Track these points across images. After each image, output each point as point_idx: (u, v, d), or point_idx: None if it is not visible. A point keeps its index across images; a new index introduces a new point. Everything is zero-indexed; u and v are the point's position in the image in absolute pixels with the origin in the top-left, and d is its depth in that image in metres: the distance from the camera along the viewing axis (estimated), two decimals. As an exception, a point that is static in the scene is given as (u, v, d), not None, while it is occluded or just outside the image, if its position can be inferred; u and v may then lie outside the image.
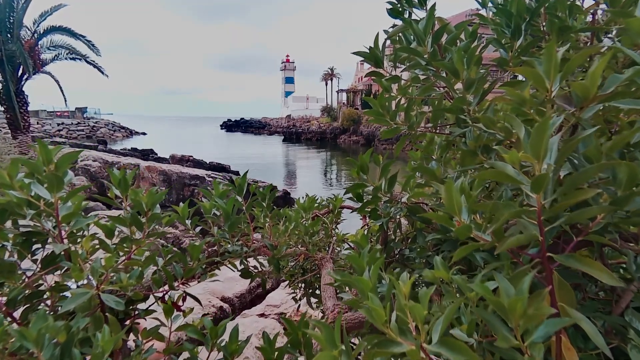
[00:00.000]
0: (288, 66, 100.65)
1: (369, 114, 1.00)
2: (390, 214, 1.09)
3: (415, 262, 1.12)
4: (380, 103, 0.98)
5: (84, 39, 12.32)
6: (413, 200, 1.20)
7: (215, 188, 1.16)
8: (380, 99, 0.98)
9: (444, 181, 0.66)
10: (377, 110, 0.98)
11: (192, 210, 1.18)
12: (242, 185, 1.21)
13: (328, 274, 1.32)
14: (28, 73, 11.08)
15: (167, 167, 13.86)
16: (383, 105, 0.98)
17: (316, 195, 1.97)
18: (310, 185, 22.77)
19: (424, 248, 1.08)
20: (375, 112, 0.98)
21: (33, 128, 50.00)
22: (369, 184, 1.09)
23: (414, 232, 1.24)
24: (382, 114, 0.98)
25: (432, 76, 0.92)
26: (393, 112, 0.99)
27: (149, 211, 1.02)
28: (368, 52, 0.97)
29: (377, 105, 0.98)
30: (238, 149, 47.66)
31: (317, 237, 1.64)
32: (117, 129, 63.80)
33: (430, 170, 0.96)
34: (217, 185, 1.15)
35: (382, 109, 0.98)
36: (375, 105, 0.99)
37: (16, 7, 10.97)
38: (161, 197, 1.04)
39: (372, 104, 0.99)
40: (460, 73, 0.80)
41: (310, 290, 1.72)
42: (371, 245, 1.24)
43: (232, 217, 1.07)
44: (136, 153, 24.54)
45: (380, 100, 0.98)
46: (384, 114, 0.98)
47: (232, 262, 1.17)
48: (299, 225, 1.47)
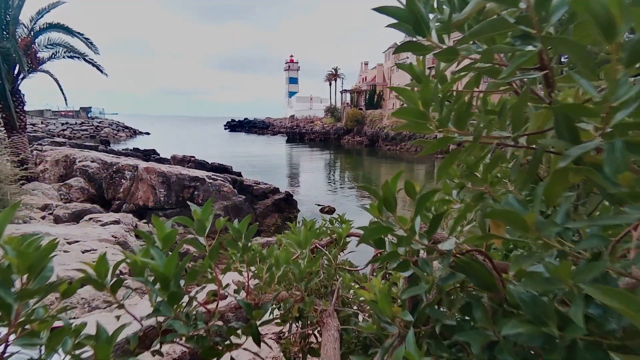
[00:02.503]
0: (292, 66, 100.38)
1: (401, 116, 0.58)
2: (434, 280, 0.67)
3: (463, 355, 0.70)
4: (424, 99, 0.56)
5: (81, 36, 12.00)
6: (466, 248, 0.79)
7: (157, 229, 0.75)
8: (424, 92, 0.56)
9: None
10: (415, 110, 0.56)
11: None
12: (203, 222, 0.80)
13: (328, 347, 0.91)
14: (23, 71, 10.78)
15: (167, 168, 13.51)
16: (427, 102, 0.56)
17: (316, 220, 1.56)
18: (313, 187, 22.37)
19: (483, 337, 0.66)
20: (413, 113, 0.57)
21: (37, 127, 50.09)
22: (396, 227, 0.68)
23: (462, 296, 0.82)
24: (422, 116, 0.57)
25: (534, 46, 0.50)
26: (446, 113, 0.57)
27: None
28: (399, 6, 0.55)
29: (416, 101, 0.57)
30: (241, 149, 47.40)
31: (317, 278, 1.23)
32: (121, 128, 63.84)
33: (515, 216, 0.53)
34: (160, 225, 0.75)
35: (424, 109, 0.57)
36: (412, 101, 0.57)
37: (12, 4, 10.68)
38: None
39: (408, 100, 0.58)
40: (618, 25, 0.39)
41: (307, 345, 1.30)
42: (394, 304, 0.83)
43: (174, 284, 0.66)
44: (138, 153, 24.25)
45: (423, 93, 0.56)
46: (425, 117, 0.57)
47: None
48: (291, 267, 1.05)
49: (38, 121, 52.17)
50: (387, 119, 50.14)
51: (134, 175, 12.80)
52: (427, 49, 0.58)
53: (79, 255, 6.01)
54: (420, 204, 0.68)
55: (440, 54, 0.56)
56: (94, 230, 8.09)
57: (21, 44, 10.75)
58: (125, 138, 58.81)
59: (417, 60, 0.87)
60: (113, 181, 12.86)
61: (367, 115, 55.41)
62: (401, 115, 0.57)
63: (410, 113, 0.57)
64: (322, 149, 49.63)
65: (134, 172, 12.82)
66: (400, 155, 41.20)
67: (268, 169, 29.22)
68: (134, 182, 12.75)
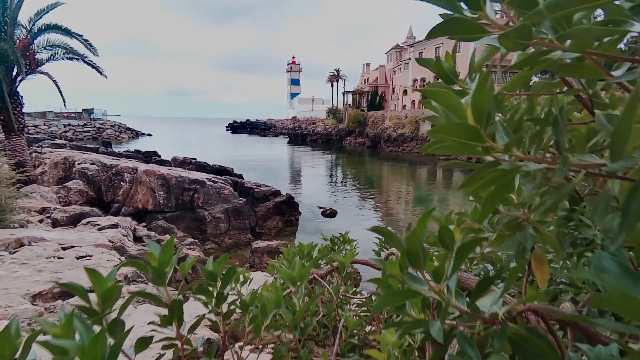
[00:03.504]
0: (294, 68, 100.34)
1: (442, 133, 0.36)
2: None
3: None
4: (477, 108, 0.34)
5: (80, 37, 11.85)
6: (517, 309, 0.57)
7: (94, 283, 0.54)
8: (478, 98, 0.34)
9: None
10: (464, 127, 0.35)
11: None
12: (162, 268, 0.60)
13: None
14: (21, 73, 10.64)
15: (166, 171, 13.34)
16: (482, 114, 0.35)
17: (315, 243, 1.35)
18: (315, 189, 22.16)
19: None
20: (460, 130, 0.35)
21: (40, 129, 50.13)
22: (424, 288, 0.48)
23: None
24: (474, 135, 0.35)
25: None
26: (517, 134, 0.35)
27: None
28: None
29: (464, 113, 0.36)
30: (243, 150, 47.28)
31: (315, 318, 1.02)
32: (123, 130, 63.90)
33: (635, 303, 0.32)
34: (97, 278, 0.54)
35: (477, 124, 0.35)
36: (457, 111, 0.36)
37: (9, 5, 10.56)
38: None
39: (451, 109, 0.36)
40: None
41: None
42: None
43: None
44: (139, 155, 24.12)
45: (477, 100, 0.34)
46: (478, 136, 0.35)
47: None
48: (283, 312, 0.85)
49: (40, 123, 52.28)
50: (388, 121, 49.90)
51: (133, 177, 12.64)
52: (479, 30, 0.37)
53: (72, 261, 5.82)
54: (459, 258, 0.47)
55: (506, 37, 0.35)
56: (90, 234, 7.91)
57: (19, 45, 10.62)
58: (128, 139, 58.83)
59: (445, 53, 0.66)
60: (112, 184, 12.70)
61: (369, 117, 55.17)
62: (443, 134, 0.36)
63: (456, 131, 0.35)
64: (324, 151, 49.44)
65: (133, 175, 12.66)
66: (402, 156, 40.95)
67: (269, 170, 29.06)
68: (133, 184, 12.59)
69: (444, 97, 0.37)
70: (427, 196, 19.80)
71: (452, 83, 0.64)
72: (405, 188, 22.64)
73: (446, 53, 0.66)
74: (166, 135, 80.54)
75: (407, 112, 48.66)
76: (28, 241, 6.45)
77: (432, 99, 0.39)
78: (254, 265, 10.48)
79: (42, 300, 4.42)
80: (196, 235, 12.05)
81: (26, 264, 5.20)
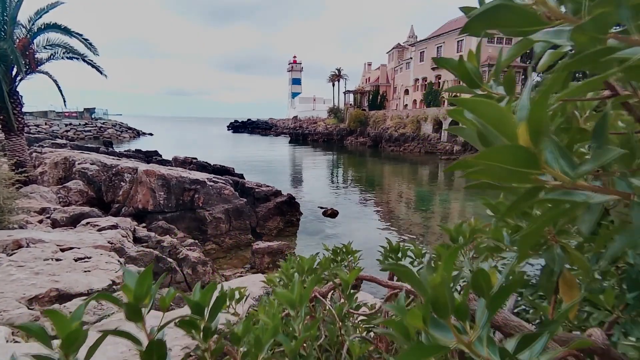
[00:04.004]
0: (295, 67, 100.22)
1: (488, 160, 0.26)
2: None
3: None
4: (534, 124, 0.25)
5: (80, 37, 11.77)
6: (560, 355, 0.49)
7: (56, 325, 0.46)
8: (538, 110, 0.24)
9: None
10: (517, 150, 0.25)
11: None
12: (135, 305, 0.51)
13: None
14: (20, 72, 10.57)
15: (167, 171, 13.27)
16: (540, 132, 0.25)
17: (317, 254, 1.26)
18: (316, 188, 22.08)
19: None
20: (511, 155, 0.26)
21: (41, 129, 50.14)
22: (452, 341, 0.39)
23: None
24: (530, 161, 0.26)
25: None
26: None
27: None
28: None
29: (514, 131, 0.26)
30: (244, 150, 47.23)
31: (316, 342, 0.93)
32: (125, 129, 63.93)
33: None
34: (59, 318, 0.46)
35: (533, 145, 0.26)
36: (505, 128, 0.26)
37: (9, 4, 10.49)
38: None
39: (496, 125, 0.27)
40: None
41: None
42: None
43: None
44: (140, 155, 24.06)
45: (536, 112, 0.25)
46: (535, 162, 0.26)
47: None
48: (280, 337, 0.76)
49: (42, 122, 52.34)
50: (390, 120, 49.76)
51: (133, 178, 12.57)
52: (536, 21, 0.28)
53: (71, 263, 5.75)
54: (495, 306, 0.38)
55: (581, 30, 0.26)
56: (89, 235, 7.84)
57: (19, 44, 10.55)
58: (129, 139, 58.85)
59: (469, 53, 0.57)
60: (112, 184, 12.63)
61: (370, 116, 55.04)
62: (489, 161, 0.27)
63: (505, 155, 0.26)
64: (325, 150, 49.34)
65: (133, 175, 12.59)
66: (403, 156, 40.84)
67: (270, 170, 28.99)
68: (134, 185, 12.52)
69: (486, 108, 0.28)
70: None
71: (476, 87, 0.55)
72: (406, 188, 22.54)
73: (469, 52, 0.57)
74: (167, 134, 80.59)
75: (409, 111, 48.52)
76: (26, 243, 6.38)
77: (469, 110, 0.30)
78: (255, 266, 10.40)
79: (39, 304, 4.35)
80: (196, 235, 11.97)
81: (23, 267, 5.12)
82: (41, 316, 3.99)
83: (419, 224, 14.63)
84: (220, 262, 11.11)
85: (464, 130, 0.43)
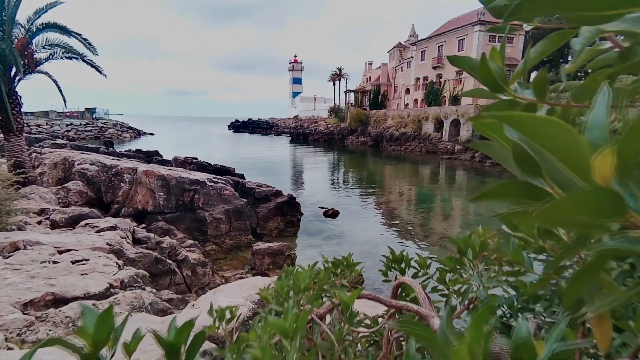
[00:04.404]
0: (296, 67, 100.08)
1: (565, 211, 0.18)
2: None
3: None
4: (625, 156, 0.16)
5: (79, 36, 11.70)
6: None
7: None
8: (633, 137, 0.16)
9: None
10: (602, 197, 0.16)
11: None
12: (94, 353, 0.42)
13: None
14: (19, 72, 10.50)
15: (166, 171, 13.20)
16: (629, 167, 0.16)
17: (316, 264, 1.17)
18: (317, 188, 22.00)
19: None
20: (597, 201, 0.16)
21: (42, 129, 50.14)
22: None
23: None
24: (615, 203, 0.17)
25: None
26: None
27: None
28: None
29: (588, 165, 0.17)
30: (244, 149, 47.17)
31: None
32: (125, 129, 63.93)
33: None
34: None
35: (622, 184, 0.17)
36: (578, 161, 0.18)
37: (7, 3, 10.42)
38: None
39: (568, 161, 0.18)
40: None
41: None
42: None
43: None
44: (140, 155, 24.00)
45: (630, 141, 0.16)
46: (620, 204, 0.17)
47: None
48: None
49: (43, 122, 52.36)
50: (391, 119, 49.63)
51: (133, 178, 12.51)
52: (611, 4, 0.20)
53: (68, 266, 5.68)
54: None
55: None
56: (88, 237, 7.76)
57: (17, 44, 10.49)
58: (130, 139, 58.83)
59: (491, 51, 0.49)
60: (112, 184, 12.57)
61: (371, 116, 54.90)
62: (564, 214, 0.18)
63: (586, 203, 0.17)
64: (326, 150, 49.24)
65: (133, 176, 12.53)
66: (404, 155, 40.72)
67: (271, 170, 28.92)
68: (133, 185, 12.46)
69: (545, 127, 0.19)
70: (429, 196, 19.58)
71: (501, 91, 0.46)
72: (407, 188, 22.44)
73: (492, 50, 0.48)
74: (168, 134, 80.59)
75: (410, 111, 48.36)
76: (23, 245, 6.31)
77: (514, 128, 0.21)
78: (255, 267, 10.32)
79: (34, 309, 4.27)
80: (196, 236, 11.90)
81: (19, 270, 5.05)
82: (36, 321, 3.92)
83: (420, 224, 14.53)
84: (220, 263, 11.03)
85: (491, 147, 0.34)
